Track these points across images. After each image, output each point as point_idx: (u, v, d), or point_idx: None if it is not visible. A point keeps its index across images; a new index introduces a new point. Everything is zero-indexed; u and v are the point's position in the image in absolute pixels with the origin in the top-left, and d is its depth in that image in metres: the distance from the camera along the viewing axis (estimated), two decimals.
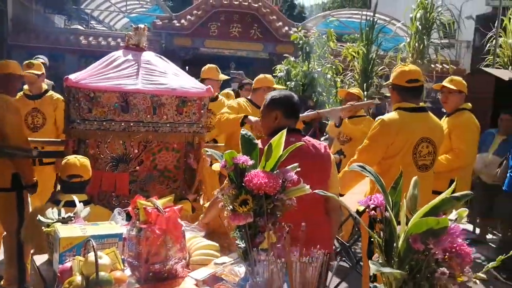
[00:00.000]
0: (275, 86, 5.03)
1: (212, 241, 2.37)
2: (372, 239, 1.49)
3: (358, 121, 5.03)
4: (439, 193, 1.41)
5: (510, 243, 4.68)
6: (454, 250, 1.32)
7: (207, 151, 1.96)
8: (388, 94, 9.30)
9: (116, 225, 2.25)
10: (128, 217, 2.31)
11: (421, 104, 3.20)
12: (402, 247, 1.35)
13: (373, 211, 1.46)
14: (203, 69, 5.04)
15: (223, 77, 5.13)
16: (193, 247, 2.27)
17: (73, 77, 3.05)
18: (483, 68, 8.32)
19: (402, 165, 2.96)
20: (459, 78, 4.29)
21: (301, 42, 6.96)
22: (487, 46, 9.85)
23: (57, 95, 4.71)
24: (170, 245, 2.04)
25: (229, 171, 1.84)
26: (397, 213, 1.44)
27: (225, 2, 11.67)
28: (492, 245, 5.75)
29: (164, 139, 3.22)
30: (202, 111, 3.28)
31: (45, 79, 7.05)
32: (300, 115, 2.92)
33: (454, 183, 1.40)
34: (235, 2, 11.73)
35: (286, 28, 11.88)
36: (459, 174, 3.89)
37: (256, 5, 11.80)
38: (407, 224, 1.39)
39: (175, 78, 3.25)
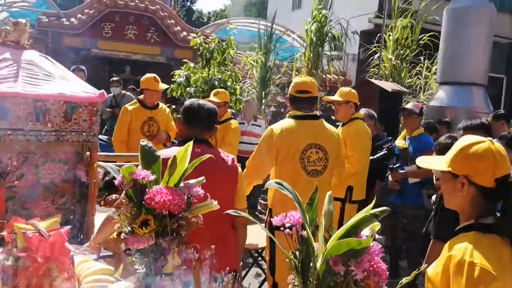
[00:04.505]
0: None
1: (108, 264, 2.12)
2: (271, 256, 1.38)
3: None
4: (337, 199, 1.38)
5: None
6: (371, 268, 1.26)
7: (99, 165, 1.72)
8: (282, 101, 9.61)
9: None
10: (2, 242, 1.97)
11: (314, 112, 3.30)
12: (321, 268, 1.26)
13: (288, 230, 1.36)
14: (141, 79, 4.81)
15: (163, 86, 4.88)
16: (84, 273, 2.00)
17: None
18: (369, 79, 8.89)
19: (291, 171, 3.00)
20: (346, 89, 4.48)
21: (201, 48, 6.81)
22: (370, 59, 10.62)
23: None
24: (55, 274, 1.75)
25: (127, 188, 1.63)
26: (312, 232, 1.35)
27: (120, 2, 11.11)
28: None
29: (49, 149, 2.86)
30: (94, 118, 2.97)
31: None
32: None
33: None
34: (131, 3, 11.22)
35: (185, 33, 11.64)
36: (355, 180, 4.04)
37: (153, 8, 11.40)
38: (325, 243, 1.31)
39: (62, 81, 2.91)
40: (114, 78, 8.32)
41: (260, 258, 4.19)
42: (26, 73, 2.80)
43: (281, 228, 1.35)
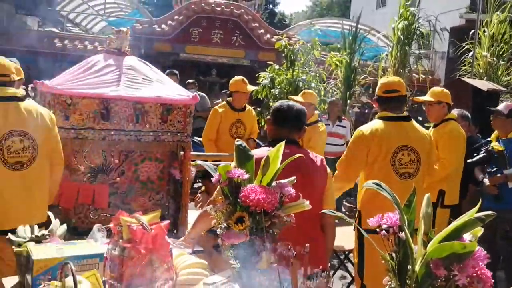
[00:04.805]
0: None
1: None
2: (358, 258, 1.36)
3: None
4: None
5: None
6: (475, 274, 1.21)
7: (197, 163, 1.81)
8: (367, 101, 9.39)
9: (96, 243, 2.07)
10: (109, 233, 2.13)
11: (404, 113, 3.20)
12: (421, 271, 1.23)
13: (384, 231, 1.34)
14: (230, 82, 4.98)
15: (251, 88, 5.05)
16: (180, 266, 2.11)
17: (48, 81, 2.86)
18: (461, 78, 8.40)
19: (382, 174, 2.92)
20: (438, 88, 4.28)
21: (285, 50, 6.87)
22: (463, 57, 10.03)
23: None
24: (156, 265, 1.87)
25: (223, 185, 1.70)
26: (410, 234, 1.32)
27: (207, 8, 11.53)
28: None
29: (147, 149, 3.05)
30: (187, 119, 3.12)
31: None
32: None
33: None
34: (217, 9, 11.60)
35: (268, 35, 11.80)
36: (448, 184, 3.86)
37: (238, 12, 11.69)
38: (424, 246, 1.27)
39: (159, 85, 3.09)
40: (190, 81, 8.62)
41: (346, 260, 4.14)
42: (127, 77, 3.01)
43: (377, 230, 1.34)
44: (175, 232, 3.01)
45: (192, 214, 3.16)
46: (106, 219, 2.86)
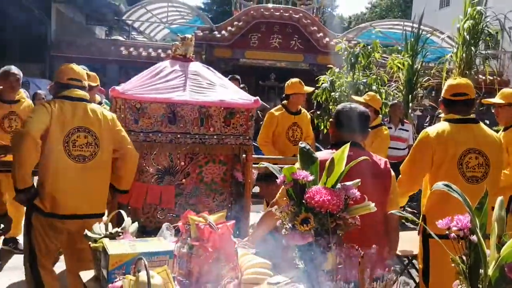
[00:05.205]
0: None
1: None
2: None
3: None
4: None
5: None
6: None
7: (263, 164, 1.85)
8: (429, 104, 9.06)
9: (165, 241, 2.16)
10: (176, 232, 2.23)
11: (472, 115, 3.08)
12: (494, 275, 1.20)
13: (453, 234, 1.32)
14: (287, 84, 5.02)
15: (307, 89, 5.08)
16: (245, 265, 2.16)
17: (120, 87, 3.03)
18: None
19: (448, 177, 2.82)
20: (509, 90, 4.08)
21: (345, 53, 6.81)
22: None
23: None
24: (222, 264, 1.93)
25: (288, 187, 1.73)
26: (482, 237, 1.29)
27: (266, 13, 11.65)
28: None
29: (211, 151, 3.14)
30: (249, 123, 3.19)
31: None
32: None
33: None
34: (276, 13, 11.69)
35: (327, 39, 11.74)
36: None
37: (297, 16, 11.72)
38: (497, 250, 1.24)
39: (222, 89, 3.18)
40: (236, 76, 8.51)
41: (409, 266, 4.04)
42: (192, 82, 3.12)
43: (447, 232, 1.32)
44: (237, 233, 3.07)
45: (253, 216, 3.23)
46: (172, 219, 2.98)
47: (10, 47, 9.92)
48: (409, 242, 3.42)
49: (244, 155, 3.21)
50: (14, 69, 4.32)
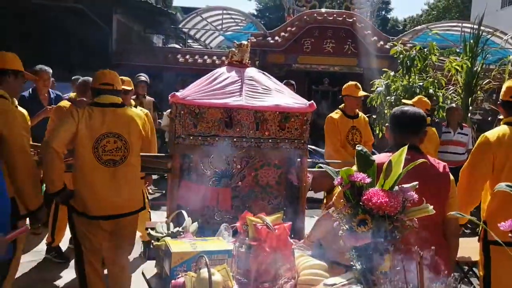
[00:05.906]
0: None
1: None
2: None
3: None
4: None
5: None
6: None
7: (320, 167, 1.89)
8: (489, 107, 8.66)
9: (224, 241, 2.24)
10: (234, 233, 2.30)
11: None
12: None
13: None
14: (343, 87, 5.03)
15: (363, 93, 5.06)
16: (301, 266, 2.19)
17: (179, 93, 3.15)
18: None
19: (510, 181, 2.69)
20: None
21: (401, 56, 6.69)
22: None
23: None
24: (279, 264, 1.98)
25: (345, 189, 1.76)
26: None
27: (319, 18, 11.63)
28: None
29: (266, 155, 3.20)
30: (304, 127, 3.23)
31: (147, 97, 7.42)
32: None
33: None
34: (329, 18, 11.65)
35: (381, 42, 11.55)
36: None
37: (350, 20, 11.63)
38: None
39: (278, 94, 3.24)
40: (291, 81, 8.52)
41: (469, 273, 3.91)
42: (248, 87, 3.20)
43: (510, 235, 1.30)
44: (292, 236, 3.10)
45: (308, 221, 3.26)
46: (229, 220, 3.05)
47: (74, 57, 10.46)
48: (468, 249, 3.32)
49: (299, 159, 3.24)
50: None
